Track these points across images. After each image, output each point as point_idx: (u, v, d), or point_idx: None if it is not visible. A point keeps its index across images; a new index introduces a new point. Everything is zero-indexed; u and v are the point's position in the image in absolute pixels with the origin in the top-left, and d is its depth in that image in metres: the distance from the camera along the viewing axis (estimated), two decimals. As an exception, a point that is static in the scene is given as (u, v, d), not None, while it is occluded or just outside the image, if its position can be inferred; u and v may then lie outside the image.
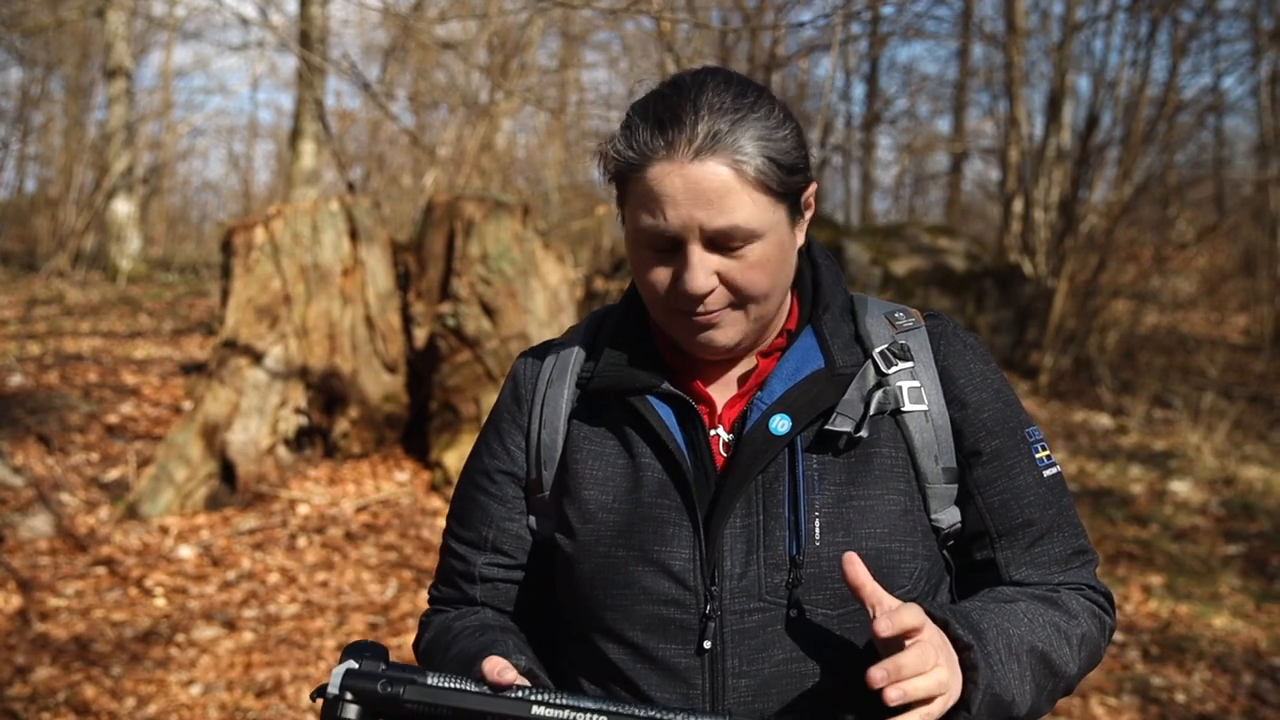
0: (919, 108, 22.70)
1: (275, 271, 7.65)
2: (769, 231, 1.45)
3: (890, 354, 1.53)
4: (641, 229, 1.45)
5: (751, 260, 1.44)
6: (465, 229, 7.83)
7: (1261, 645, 5.82)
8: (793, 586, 1.43)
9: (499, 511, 1.64)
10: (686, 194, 1.40)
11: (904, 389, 1.52)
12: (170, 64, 22.40)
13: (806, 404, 1.49)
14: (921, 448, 1.51)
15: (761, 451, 1.47)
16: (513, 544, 1.64)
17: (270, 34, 13.33)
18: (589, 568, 1.51)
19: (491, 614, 1.64)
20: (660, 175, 1.41)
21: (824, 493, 1.47)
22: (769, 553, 1.45)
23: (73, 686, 4.87)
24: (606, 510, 1.52)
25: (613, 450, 1.56)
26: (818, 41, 10.77)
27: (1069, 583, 1.55)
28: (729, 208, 1.40)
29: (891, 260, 11.59)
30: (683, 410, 1.53)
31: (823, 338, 1.55)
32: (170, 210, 25.31)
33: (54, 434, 7.73)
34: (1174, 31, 13.56)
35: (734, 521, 1.46)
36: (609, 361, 1.57)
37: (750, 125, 1.42)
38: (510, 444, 1.65)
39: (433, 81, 15.39)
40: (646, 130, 1.43)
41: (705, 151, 1.39)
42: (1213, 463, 8.83)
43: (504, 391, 1.70)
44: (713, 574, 1.45)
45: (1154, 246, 13.66)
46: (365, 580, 6.17)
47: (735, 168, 1.40)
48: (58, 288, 13.68)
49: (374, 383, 7.82)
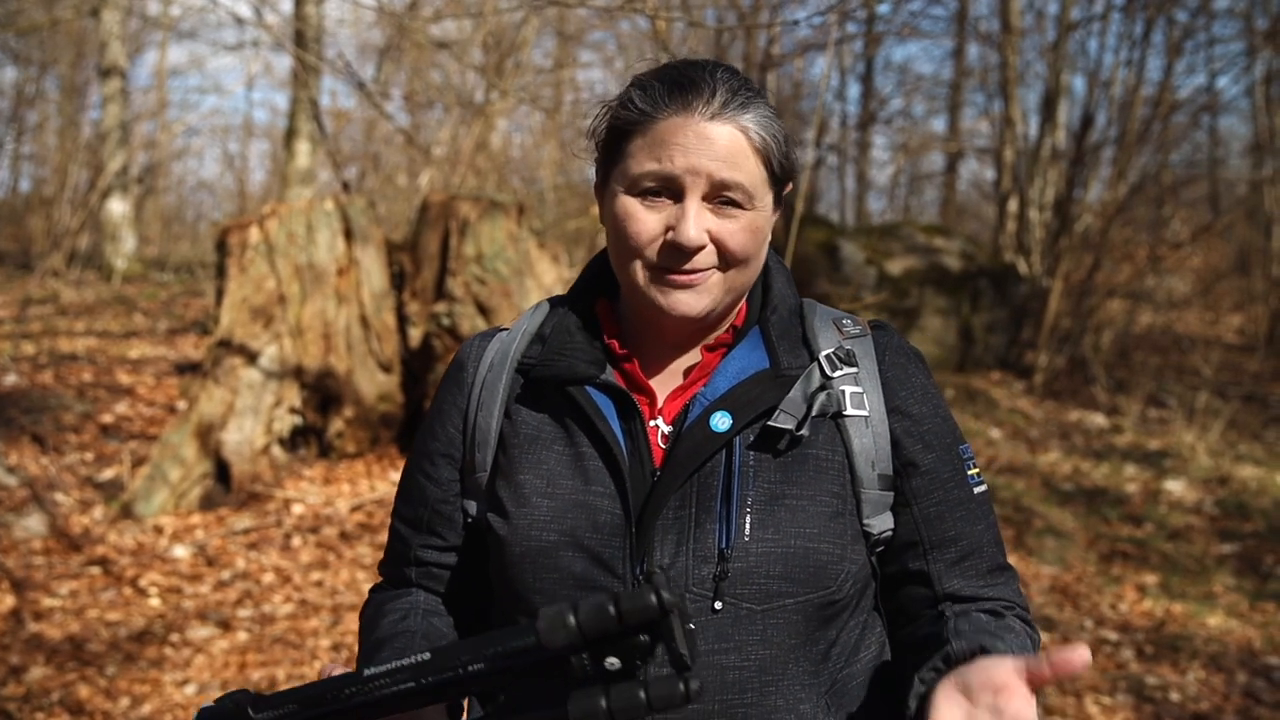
0: (914, 107, 22.71)
1: (270, 271, 7.64)
2: (761, 205, 1.52)
3: (836, 358, 1.56)
4: (643, 173, 1.49)
5: (743, 224, 1.50)
6: (460, 228, 7.83)
7: (1256, 644, 5.83)
8: (719, 580, 1.45)
9: (435, 493, 1.67)
10: (698, 144, 1.47)
11: (847, 393, 1.55)
12: (165, 63, 22.37)
13: (748, 403, 1.51)
14: (859, 452, 1.53)
15: (700, 447, 1.49)
16: (445, 526, 1.67)
17: (265, 33, 13.32)
18: (519, 551, 1.53)
19: (424, 597, 1.68)
20: (673, 126, 1.48)
21: (757, 489, 1.49)
22: (698, 545, 1.47)
23: (67, 686, 4.87)
24: (540, 495, 1.54)
25: (549, 436, 1.58)
26: (813, 41, 10.78)
27: (998, 599, 1.57)
28: (737, 165, 1.48)
29: (887, 260, 11.59)
30: (622, 401, 1.55)
31: (769, 338, 1.58)
32: (165, 210, 25.29)
33: (48, 433, 7.72)
34: (1169, 31, 13.59)
35: (666, 514, 1.48)
36: (551, 349, 1.60)
37: (758, 108, 1.51)
38: (449, 426, 1.68)
39: (428, 81, 15.37)
40: (664, 90, 1.50)
41: (720, 116, 1.48)
42: (1207, 462, 8.85)
43: (448, 374, 1.72)
44: (641, 563, 1.47)
45: (1149, 246, 13.68)
46: (360, 580, 6.17)
47: (745, 134, 1.49)
48: (52, 287, 13.66)
49: (369, 382, 7.82)
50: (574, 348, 1.59)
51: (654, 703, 1.15)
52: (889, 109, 22.38)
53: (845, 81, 21.97)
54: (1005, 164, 15.36)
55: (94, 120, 18.52)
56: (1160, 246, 13.68)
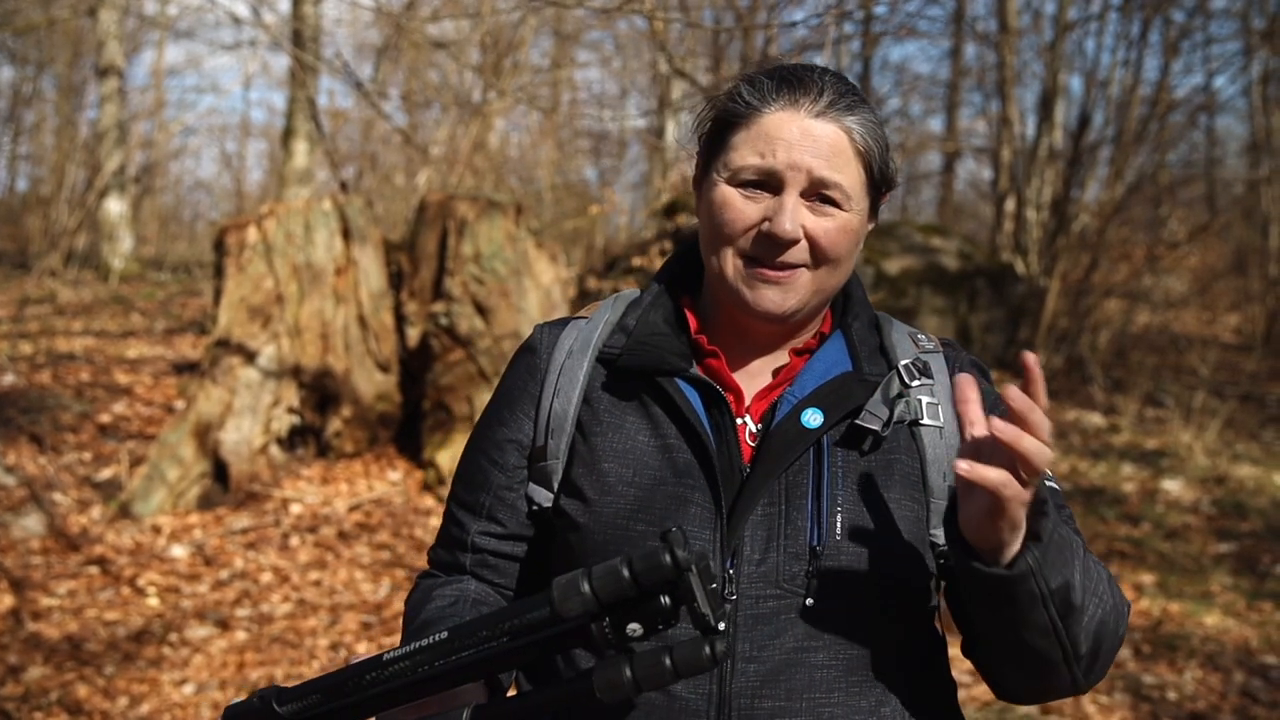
0: (911, 107, 22.70)
1: (268, 271, 7.64)
2: (857, 207, 1.53)
3: (914, 368, 1.57)
4: (744, 166, 1.51)
5: (839, 223, 1.51)
6: (458, 228, 7.83)
7: (1253, 643, 5.84)
8: (811, 577, 1.45)
9: (499, 479, 1.64)
10: (803, 140, 1.48)
11: (923, 403, 1.55)
12: (162, 63, 22.35)
13: (837, 401, 1.51)
14: (932, 462, 1.53)
15: (793, 443, 1.49)
16: (507, 513, 1.64)
17: (263, 33, 13.30)
18: (603, 539, 1.51)
19: (475, 586, 1.63)
20: (780, 121, 1.50)
21: (847, 490, 1.49)
22: (789, 542, 1.46)
23: (65, 686, 4.87)
24: (626, 484, 1.52)
25: (634, 426, 1.57)
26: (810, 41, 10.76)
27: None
28: (838, 165, 1.49)
29: (884, 259, 11.59)
30: (710, 396, 1.55)
31: (852, 343, 1.60)
32: (163, 209, 25.25)
33: (46, 433, 7.71)
34: (1165, 31, 13.60)
35: (756, 509, 1.48)
36: (639, 340, 1.59)
37: (864, 112, 1.53)
38: (519, 411, 1.65)
39: (425, 80, 15.38)
40: (772, 85, 1.52)
41: (826, 115, 1.50)
42: (1204, 462, 8.85)
43: (517, 360, 1.70)
44: (731, 557, 1.46)
45: (1146, 246, 13.67)
46: (358, 579, 6.17)
47: (849, 135, 1.50)
48: (50, 287, 13.65)
49: (367, 382, 7.82)
50: (661, 339, 1.58)
51: (680, 668, 1.13)
52: (886, 109, 22.36)
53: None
54: (1003, 164, 15.36)
55: (91, 120, 18.51)
56: (1157, 246, 13.68)
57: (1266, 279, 14.51)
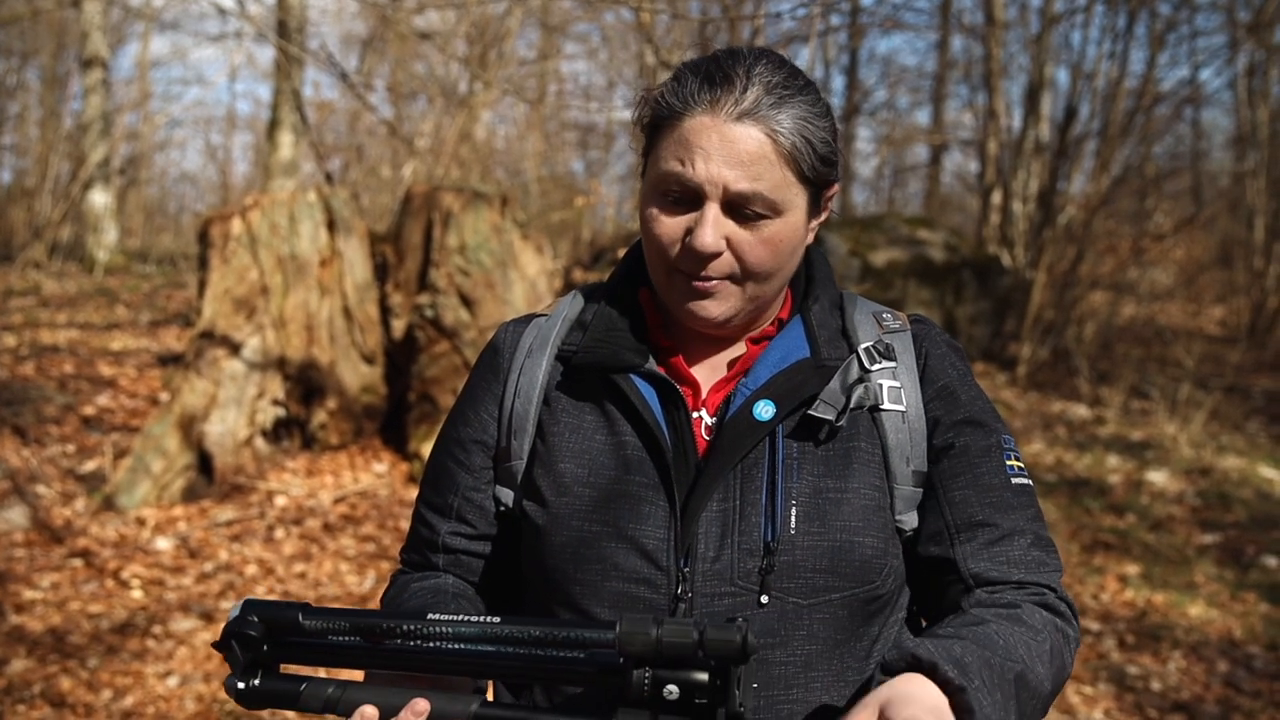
0: (898, 99, 22.77)
1: (253, 263, 7.61)
2: (788, 211, 1.47)
3: (874, 351, 1.54)
4: (666, 173, 1.46)
5: (764, 235, 1.46)
6: (443, 220, 7.81)
7: (1236, 634, 5.87)
8: (765, 573, 1.43)
9: (466, 480, 1.63)
10: (720, 150, 1.42)
11: (884, 387, 1.52)
12: (147, 54, 22.20)
13: (790, 391, 1.49)
14: (894, 447, 1.51)
15: (744, 436, 1.47)
16: (476, 514, 1.62)
17: (248, 24, 13.26)
18: (560, 540, 1.50)
19: (452, 580, 1.63)
20: (698, 127, 1.44)
21: (801, 481, 1.46)
22: (743, 538, 1.44)
23: (49, 679, 4.85)
24: (582, 484, 1.51)
25: (591, 425, 1.55)
26: (797, 33, 10.76)
27: (1030, 581, 1.46)
28: (757, 174, 1.43)
29: (870, 251, 11.60)
30: (666, 391, 1.53)
31: (810, 328, 1.56)
32: (148, 201, 25.12)
33: (30, 425, 7.68)
34: (1151, 24, 13.64)
35: (710, 505, 1.46)
36: (594, 336, 1.57)
37: (794, 105, 1.45)
38: (484, 412, 1.64)
39: (411, 72, 15.33)
40: (695, 83, 1.46)
41: (747, 116, 1.43)
42: (1189, 453, 8.89)
43: (482, 359, 1.69)
44: (685, 555, 1.44)
45: (1132, 238, 13.72)
46: (343, 571, 6.16)
47: (772, 138, 1.43)
48: (34, 279, 13.58)
49: (352, 374, 7.80)
50: (617, 335, 1.56)
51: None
52: (873, 101, 22.42)
53: (829, 73, 21.97)
54: (989, 156, 15.39)
55: (76, 111, 18.38)
56: (1143, 239, 13.73)
57: (1251, 271, 14.57)
